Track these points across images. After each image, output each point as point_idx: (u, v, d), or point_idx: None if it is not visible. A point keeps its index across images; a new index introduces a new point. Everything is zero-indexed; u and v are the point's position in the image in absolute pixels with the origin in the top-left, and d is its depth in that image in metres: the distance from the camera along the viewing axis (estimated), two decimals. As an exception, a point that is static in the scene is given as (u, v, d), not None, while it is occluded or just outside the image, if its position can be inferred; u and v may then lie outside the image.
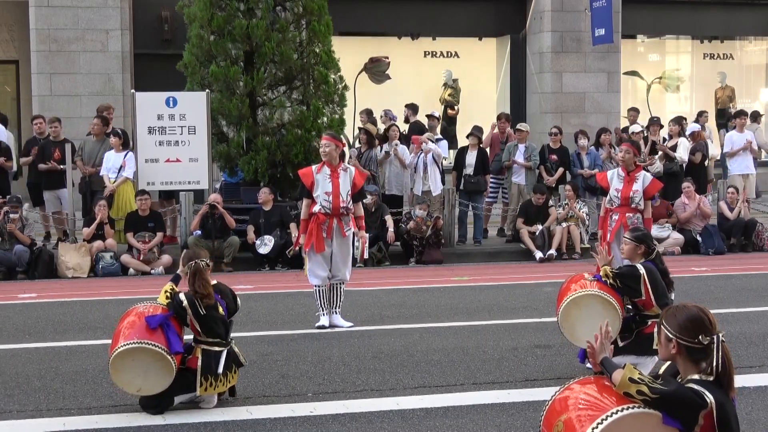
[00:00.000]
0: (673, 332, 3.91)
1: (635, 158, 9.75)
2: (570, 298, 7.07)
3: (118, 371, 6.31)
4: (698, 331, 3.89)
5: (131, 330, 6.39)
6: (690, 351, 3.90)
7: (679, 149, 15.94)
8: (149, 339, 6.32)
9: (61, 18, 17.21)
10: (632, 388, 3.84)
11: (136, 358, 6.28)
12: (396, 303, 10.57)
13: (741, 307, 10.16)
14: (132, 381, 6.35)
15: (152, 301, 6.73)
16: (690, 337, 3.88)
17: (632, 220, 9.50)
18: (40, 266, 12.86)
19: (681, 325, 3.91)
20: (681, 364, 3.95)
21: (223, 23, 13.92)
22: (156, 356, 6.31)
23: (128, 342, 6.30)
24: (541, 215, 14.42)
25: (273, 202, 13.63)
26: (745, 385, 6.81)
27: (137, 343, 6.29)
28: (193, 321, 6.54)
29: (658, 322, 4.03)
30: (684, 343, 3.88)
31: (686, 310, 3.96)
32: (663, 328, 3.95)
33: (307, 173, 9.18)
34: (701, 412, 3.78)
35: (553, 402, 4.10)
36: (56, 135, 14.27)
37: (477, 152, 14.96)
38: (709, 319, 3.91)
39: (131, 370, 6.31)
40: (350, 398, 6.79)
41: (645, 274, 7.00)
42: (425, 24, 19.82)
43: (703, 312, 3.95)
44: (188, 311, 6.51)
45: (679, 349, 3.90)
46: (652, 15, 20.75)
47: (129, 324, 6.46)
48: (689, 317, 3.92)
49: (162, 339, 6.36)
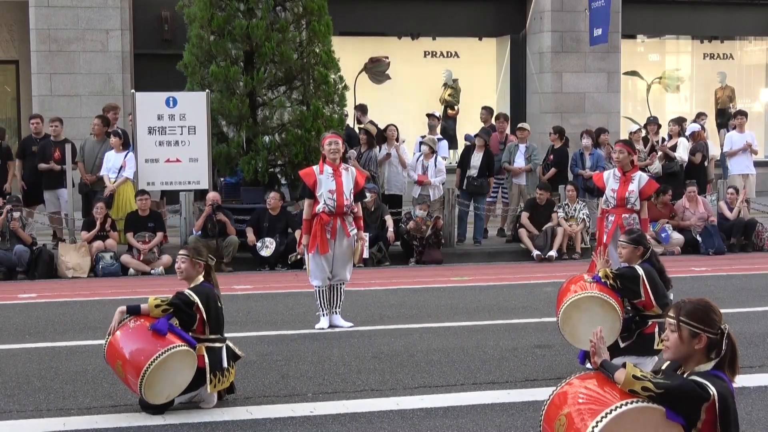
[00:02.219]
0: (700, 327, 3.90)
1: (630, 158, 9.69)
2: (570, 301, 7.06)
3: (151, 386, 6.18)
4: (718, 321, 3.94)
5: (148, 345, 6.22)
6: (711, 343, 3.92)
7: (679, 149, 15.95)
8: (171, 343, 6.24)
9: (61, 18, 17.21)
10: (637, 385, 3.84)
11: (167, 366, 6.18)
12: (396, 303, 10.57)
13: (741, 307, 10.16)
14: (163, 391, 6.26)
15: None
16: (714, 329, 3.91)
17: (628, 221, 9.47)
18: (40, 266, 12.86)
19: (705, 320, 3.92)
20: (696, 359, 3.94)
21: (223, 23, 13.92)
22: (183, 355, 6.25)
23: (158, 354, 6.14)
24: (545, 214, 14.42)
25: (281, 208, 13.59)
26: (745, 385, 6.80)
27: (167, 352, 6.17)
28: (203, 316, 6.46)
29: (672, 322, 3.98)
30: (711, 336, 3.89)
31: (701, 304, 3.98)
32: (686, 326, 3.92)
33: (308, 173, 9.16)
34: (704, 405, 3.79)
35: (554, 397, 4.09)
36: (57, 135, 14.26)
37: (483, 154, 14.94)
38: (716, 308, 3.99)
39: (163, 380, 6.21)
40: (350, 398, 6.79)
41: (644, 275, 7.00)
42: (425, 24, 19.82)
43: (710, 302, 4.01)
44: (200, 306, 6.41)
45: (707, 342, 3.91)
46: (652, 15, 20.75)
47: (140, 342, 6.26)
48: (708, 309, 3.96)
49: (178, 338, 6.32)
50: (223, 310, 6.76)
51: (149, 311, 6.39)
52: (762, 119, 22.40)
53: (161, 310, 6.38)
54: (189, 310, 6.45)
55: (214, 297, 6.61)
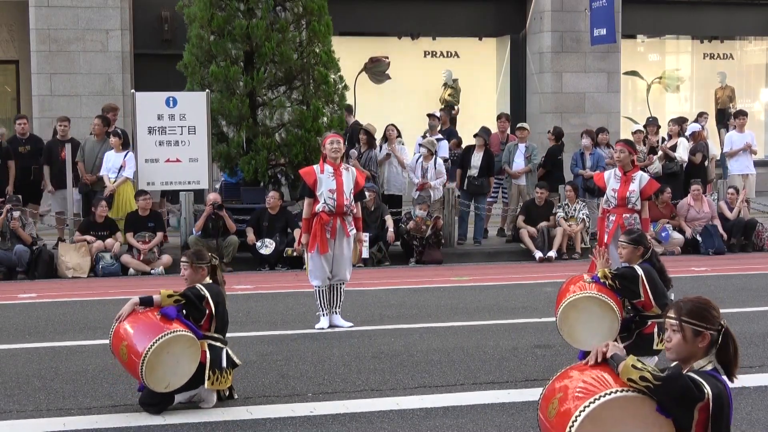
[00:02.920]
0: (702, 325, 3.90)
1: (631, 157, 9.70)
2: (568, 301, 7.05)
3: (153, 370, 6.19)
4: (718, 317, 3.94)
5: (154, 327, 6.30)
6: (713, 341, 3.92)
7: (679, 149, 15.94)
8: (176, 328, 6.30)
9: (61, 18, 17.20)
10: (635, 374, 3.83)
11: (171, 350, 6.23)
12: (396, 303, 10.57)
13: (741, 307, 10.15)
14: (164, 377, 6.26)
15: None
16: (716, 326, 3.92)
17: (629, 221, 9.48)
18: (40, 266, 12.87)
19: (707, 317, 3.93)
20: (698, 357, 3.95)
21: (223, 23, 13.92)
22: (188, 342, 6.29)
23: (163, 335, 6.21)
24: (543, 216, 14.42)
25: (280, 207, 13.58)
26: (745, 385, 6.80)
27: (171, 334, 6.23)
28: (212, 312, 6.51)
29: (674, 323, 3.98)
30: (714, 333, 3.91)
31: (700, 302, 3.99)
32: (688, 325, 3.92)
33: (309, 172, 9.16)
34: (698, 405, 3.78)
35: (552, 383, 4.10)
36: (64, 134, 14.28)
37: (483, 154, 14.93)
38: (714, 305, 4.01)
39: (165, 365, 6.23)
40: (350, 398, 6.79)
41: (643, 275, 7.00)
42: (425, 24, 19.82)
43: (708, 299, 4.02)
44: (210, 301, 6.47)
45: (710, 340, 3.92)
46: (652, 15, 20.75)
47: (145, 324, 6.34)
48: (708, 307, 3.96)
49: (185, 327, 6.37)
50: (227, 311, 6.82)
51: (161, 302, 6.50)
52: (762, 119, 22.41)
53: (173, 300, 6.50)
54: (199, 304, 6.53)
55: (223, 297, 6.71)
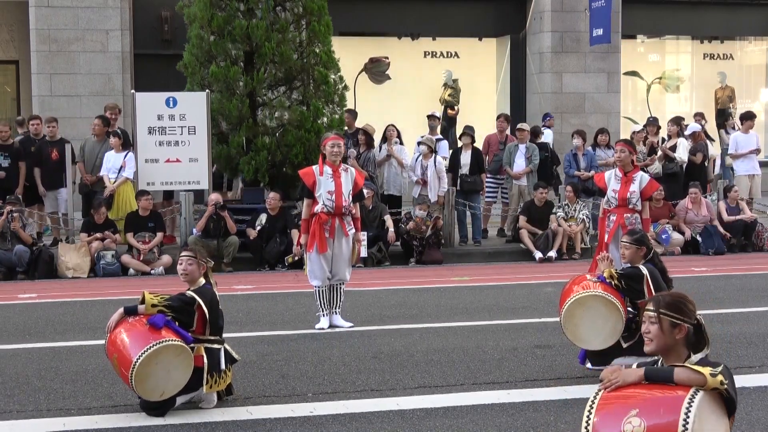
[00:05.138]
0: (679, 317, 4.02)
1: (631, 157, 9.71)
2: (574, 298, 7.04)
3: (143, 381, 6.13)
4: (694, 311, 4.12)
5: (141, 338, 6.21)
6: (689, 333, 4.07)
7: (679, 149, 15.94)
8: (164, 337, 6.21)
9: (61, 18, 17.21)
10: (716, 381, 3.93)
11: (159, 360, 6.14)
12: (396, 303, 10.56)
13: (741, 307, 10.16)
14: (157, 387, 6.21)
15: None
16: (692, 319, 4.08)
17: (630, 221, 9.48)
18: (40, 266, 12.87)
19: (683, 310, 4.08)
20: (677, 351, 4.07)
21: (223, 23, 13.92)
22: (177, 351, 6.21)
23: (148, 347, 6.12)
24: (543, 217, 14.41)
25: (280, 208, 13.57)
26: (745, 385, 6.80)
27: (158, 344, 6.14)
28: (205, 316, 6.45)
29: (652, 315, 4.11)
30: (689, 326, 4.02)
31: (678, 296, 4.17)
32: (666, 317, 4.03)
33: (308, 173, 9.16)
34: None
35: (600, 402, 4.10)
36: (53, 135, 14.26)
37: (471, 152, 15.00)
38: (691, 300, 4.16)
39: (156, 374, 6.16)
40: (350, 398, 6.79)
41: (647, 275, 7.01)
42: (425, 24, 19.82)
43: (685, 294, 4.19)
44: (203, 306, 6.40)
45: (687, 332, 4.02)
46: (652, 15, 20.76)
47: (134, 335, 6.26)
48: (685, 301, 4.17)
49: (174, 334, 6.29)
50: (223, 312, 6.77)
51: (146, 311, 6.39)
52: (762, 119, 22.38)
53: (157, 311, 6.39)
54: (189, 308, 6.44)
55: (216, 299, 6.64)
